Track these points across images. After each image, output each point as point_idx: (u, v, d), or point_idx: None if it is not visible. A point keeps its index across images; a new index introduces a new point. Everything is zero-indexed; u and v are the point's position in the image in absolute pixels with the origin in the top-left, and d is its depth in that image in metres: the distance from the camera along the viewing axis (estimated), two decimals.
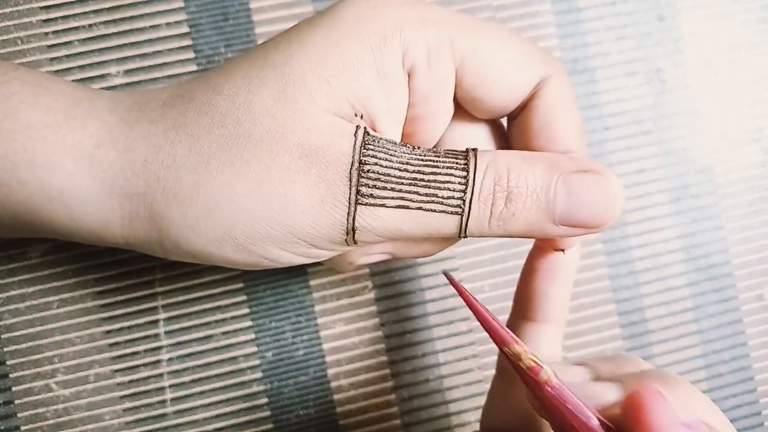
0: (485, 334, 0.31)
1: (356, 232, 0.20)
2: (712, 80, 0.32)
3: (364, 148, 0.20)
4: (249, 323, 0.30)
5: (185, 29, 0.29)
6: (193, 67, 0.29)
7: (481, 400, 0.26)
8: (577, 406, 0.18)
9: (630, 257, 0.32)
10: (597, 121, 0.32)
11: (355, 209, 0.20)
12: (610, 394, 0.18)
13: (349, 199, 0.20)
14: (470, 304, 0.20)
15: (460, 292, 0.20)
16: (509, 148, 0.25)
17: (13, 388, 0.28)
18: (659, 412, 0.16)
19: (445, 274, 0.21)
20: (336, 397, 0.30)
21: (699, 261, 0.32)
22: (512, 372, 0.23)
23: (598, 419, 0.17)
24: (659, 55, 0.32)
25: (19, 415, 0.28)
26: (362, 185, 0.20)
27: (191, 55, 0.29)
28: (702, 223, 0.32)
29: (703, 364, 0.32)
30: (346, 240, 0.21)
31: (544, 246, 0.25)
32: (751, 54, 0.32)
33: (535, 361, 0.18)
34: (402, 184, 0.20)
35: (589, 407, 0.18)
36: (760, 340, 0.32)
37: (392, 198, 0.20)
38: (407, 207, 0.20)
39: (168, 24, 0.29)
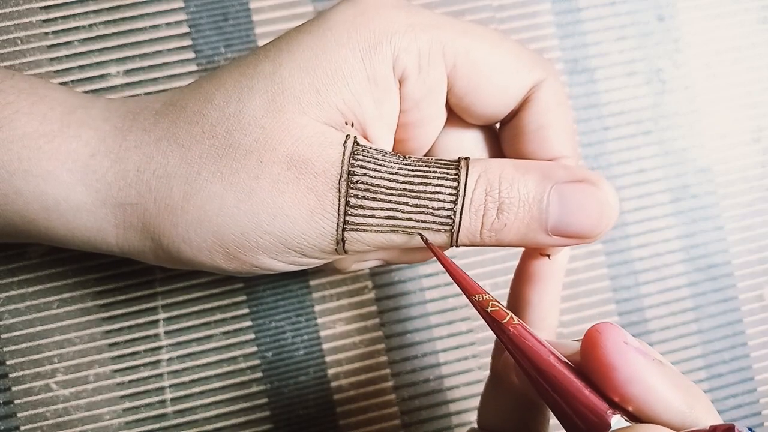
0: (485, 334, 0.31)
1: (346, 242, 0.20)
2: (712, 80, 0.32)
3: (353, 159, 0.20)
4: (249, 323, 0.30)
5: (185, 29, 0.29)
6: (193, 67, 0.29)
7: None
8: (536, 344, 0.18)
9: (630, 257, 0.32)
10: (597, 121, 0.32)
11: (345, 220, 0.20)
12: (575, 344, 0.19)
13: (339, 210, 0.20)
14: (441, 259, 0.20)
15: (431, 249, 0.20)
16: (502, 153, 0.24)
17: (13, 388, 0.28)
18: (613, 335, 0.17)
19: (420, 235, 0.21)
20: (336, 397, 0.30)
21: (699, 261, 0.32)
22: (502, 374, 0.23)
23: (557, 357, 0.18)
24: (659, 55, 0.32)
25: (19, 415, 0.28)
26: (351, 196, 0.20)
27: (191, 55, 0.29)
28: (702, 223, 0.32)
29: (703, 364, 0.32)
30: (336, 249, 0.21)
31: (530, 251, 0.25)
32: (751, 54, 0.32)
33: (498, 307, 0.19)
34: (392, 194, 0.20)
35: (549, 347, 0.18)
36: (760, 340, 0.32)
37: (382, 209, 0.20)
38: (397, 218, 0.20)
39: (168, 24, 0.29)
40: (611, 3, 0.32)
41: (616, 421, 0.17)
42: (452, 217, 0.20)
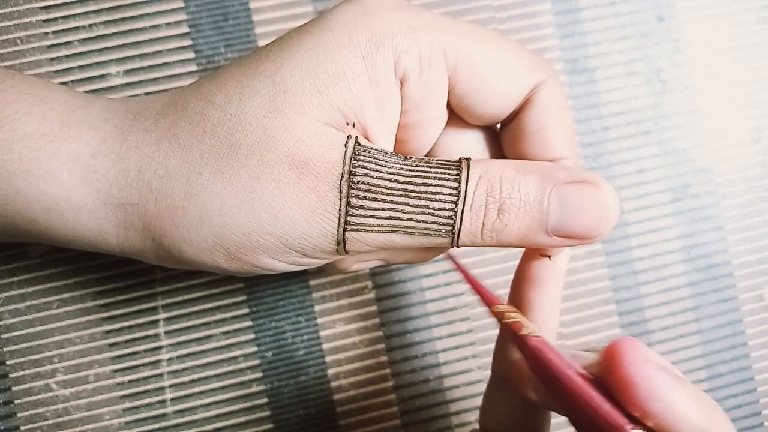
0: (485, 334, 0.31)
1: (347, 242, 0.20)
2: (712, 80, 0.32)
3: (354, 159, 0.20)
4: (249, 323, 0.30)
5: (185, 29, 0.29)
6: (193, 67, 0.29)
7: (481, 401, 0.26)
8: (556, 357, 0.18)
9: (630, 257, 0.32)
10: (597, 121, 0.32)
11: (346, 220, 0.20)
12: (591, 355, 0.19)
13: (340, 210, 0.20)
14: (463, 272, 0.20)
15: (454, 263, 0.21)
16: (503, 153, 0.24)
17: (13, 388, 0.28)
18: (634, 351, 0.17)
19: (454, 247, 0.21)
20: (336, 397, 0.30)
21: (699, 261, 0.32)
22: (512, 379, 0.23)
23: (576, 371, 0.18)
24: (659, 55, 0.32)
25: (19, 415, 0.28)
26: (352, 196, 0.20)
27: (191, 55, 0.29)
28: (702, 223, 0.32)
29: (703, 364, 0.32)
30: (337, 250, 0.21)
31: (530, 252, 0.25)
32: (751, 54, 0.32)
33: (518, 318, 0.19)
34: (393, 195, 0.20)
35: (568, 360, 0.19)
36: (760, 340, 0.32)
37: (383, 209, 0.20)
38: (398, 218, 0.20)
39: (168, 24, 0.29)
40: (611, 3, 0.32)
41: None
42: (453, 217, 0.20)
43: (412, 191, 0.20)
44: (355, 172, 0.20)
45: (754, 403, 0.32)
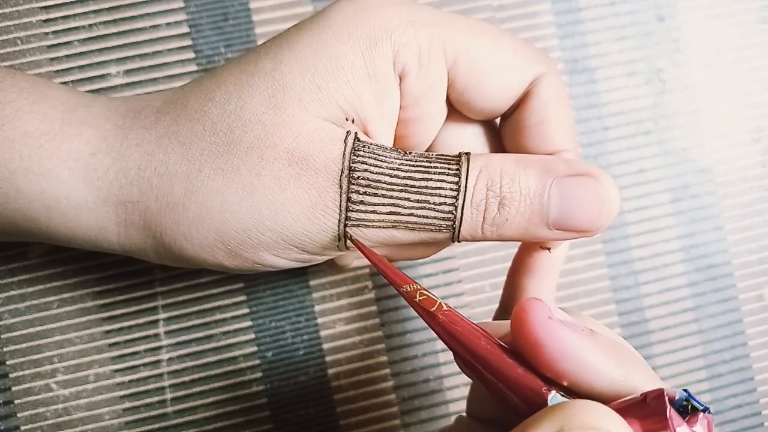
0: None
1: (348, 238, 0.20)
2: (712, 80, 0.32)
3: (354, 155, 0.20)
4: (249, 323, 0.30)
5: (185, 29, 0.29)
6: (193, 67, 0.29)
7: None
8: (467, 328, 0.18)
9: (630, 257, 0.32)
10: (597, 121, 0.32)
11: (346, 216, 0.20)
12: (507, 323, 0.19)
13: (340, 206, 0.20)
14: (366, 252, 0.20)
15: (354, 242, 0.20)
16: (503, 147, 0.24)
17: (13, 388, 0.28)
18: (536, 311, 0.17)
19: (347, 236, 0.21)
20: (336, 397, 0.30)
21: (699, 261, 0.32)
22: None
23: (490, 339, 0.18)
24: (659, 55, 0.32)
25: (19, 415, 0.28)
26: (353, 192, 0.20)
27: (191, 55, 0.29)
28: (702, 223, 0.32)
29: (703, 364, 0.32)
30: (338, 246, 0.21)
31: (530, 243, 0.25)
32: (751, 54, 0.32)
33: (426, 295, 0.19)
34: (393, 190, 0.20)
35: (480, 329, 0.18)
36: (760, 340, 0.32)
37: (383, 204, 0.20)
38: (398, 213, 0.20)
39: (168, 24, 0.29)
40: (611, 3, 0.32)
41: (552, 397, 0.16)
42: (453, 212, 0.20)
43: (413, 186, 0.20)
44: (354, 167, 0.20)
45: (754, 403, 0.32)
